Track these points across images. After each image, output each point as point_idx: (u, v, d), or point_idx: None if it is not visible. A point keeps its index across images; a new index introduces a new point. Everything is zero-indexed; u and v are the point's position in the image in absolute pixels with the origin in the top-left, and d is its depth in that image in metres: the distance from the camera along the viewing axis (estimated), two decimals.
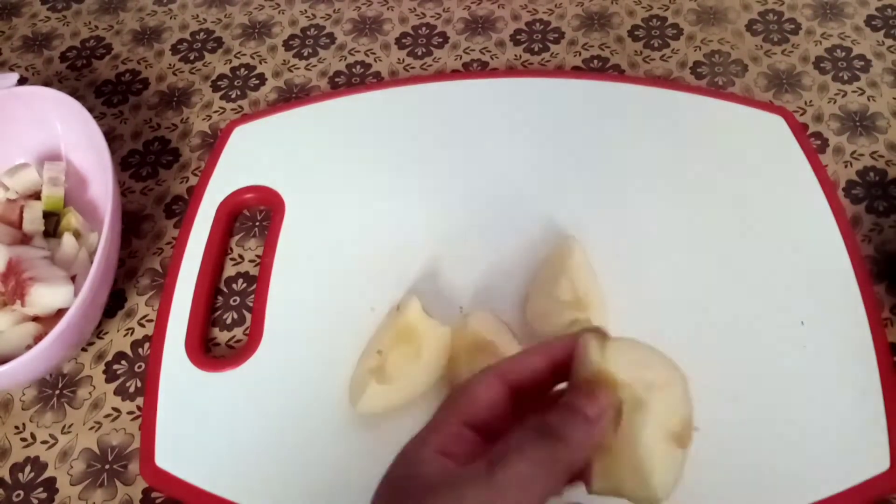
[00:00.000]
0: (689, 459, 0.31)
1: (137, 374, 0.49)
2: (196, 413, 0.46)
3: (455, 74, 0.63)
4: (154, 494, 0.44)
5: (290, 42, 0.67)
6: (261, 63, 0.66)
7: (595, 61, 0.64)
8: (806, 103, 0.60)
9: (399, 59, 0.65)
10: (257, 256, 0.53)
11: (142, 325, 0.51)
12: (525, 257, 0.50)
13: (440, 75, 0.63)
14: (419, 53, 0.66)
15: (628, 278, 0.49)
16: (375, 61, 0.65)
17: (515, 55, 0.65)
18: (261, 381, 0.47)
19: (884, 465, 0.41)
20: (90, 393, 0.48)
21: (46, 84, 0.64)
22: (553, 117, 0.58)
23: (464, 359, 0.44)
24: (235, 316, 0.51)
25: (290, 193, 0.55)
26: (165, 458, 0.44)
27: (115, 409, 0.47)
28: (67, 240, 0.50)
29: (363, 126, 0.58)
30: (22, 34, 0.70)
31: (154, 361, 0.48)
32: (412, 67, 0.65)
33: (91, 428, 0.47)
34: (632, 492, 0.29)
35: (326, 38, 0.68)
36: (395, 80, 0.63)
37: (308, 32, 0.68)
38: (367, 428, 0.44)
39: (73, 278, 0.48)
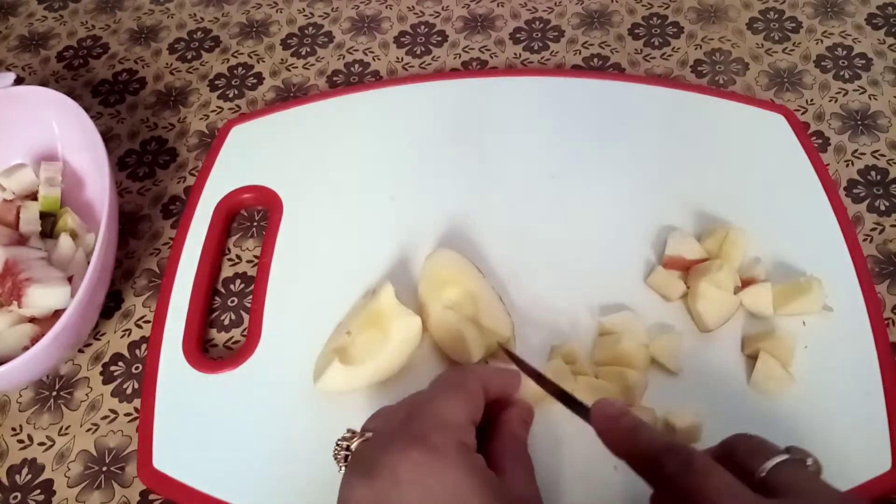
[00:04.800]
0: None
1: (135, 376, 0.48)
2: (194, 415, 0.45)
3: (454, 73, 0.63)
4: (152, 496, 0.44)
5: (288, 41, 0.67)
6: (258, 62, 0.66)
7: (595, 60, 0.63)
8: (807, 102, 0.59)
9: (398, 57, 0.65)
10: (255, 257, 0.53)
11: (139, 327, 0.51)
12: (524, 256, 0.50)
13: (439, 74, 0.63)
14: (418, 52, 0.65)
15: None
16: (374, 60, 0.65)
17: (515, 54, 0.65)
18: (259, 382, 0.46)
19: (885, 465, 0.41)
20: (87, 394, 0.48)
21: (43, 84, 0.64)
22: (552, 116, 0.57)
23: (433, 296, 0.46)
24: (233, 317, 0.51)
25: (288, 193, 0.55)
26: (163, 460, 0.44)
27: (112, 411, 0.47)
28: (64, 240, 0.49)
29: (362, 125, 0.58)
30: (18, 34, 0.70)
31: (151, 363, 0.47)
32: (411, 66, 0.64)
33: (88, 430, 0.46)
34: None
35: (324, 36, 0.67)
36: (394, 78, 0.63)
37: (306, 31, 0.68)
38: None
39: (69, 279, 0.47)
